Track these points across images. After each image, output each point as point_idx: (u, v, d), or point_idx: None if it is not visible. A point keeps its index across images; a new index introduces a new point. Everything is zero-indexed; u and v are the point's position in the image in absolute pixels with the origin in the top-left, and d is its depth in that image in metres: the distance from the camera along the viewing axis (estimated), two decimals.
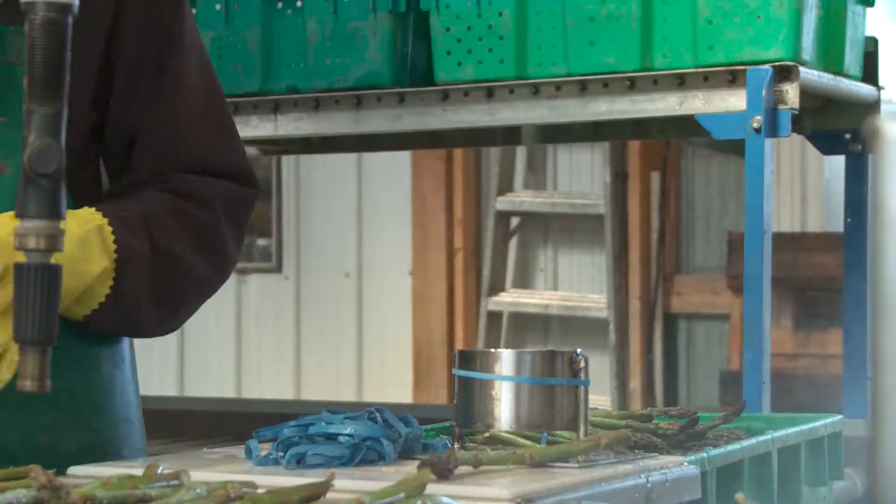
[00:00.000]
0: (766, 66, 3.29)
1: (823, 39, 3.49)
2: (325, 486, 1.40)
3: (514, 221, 7.67)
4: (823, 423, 2.27)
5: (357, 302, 7.77)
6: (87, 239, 1.76)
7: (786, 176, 7.14)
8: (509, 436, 1.91)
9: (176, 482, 1.46)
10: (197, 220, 1.93)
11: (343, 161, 7.69)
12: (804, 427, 2.21)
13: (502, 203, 7.50)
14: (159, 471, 1.49)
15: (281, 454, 1.68)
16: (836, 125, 3.76)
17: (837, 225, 5.93)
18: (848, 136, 3.76)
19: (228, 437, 3.79)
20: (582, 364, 1.78)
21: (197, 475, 1.55)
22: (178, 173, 1.94)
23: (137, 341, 2.03)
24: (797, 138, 4.20)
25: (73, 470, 1.63)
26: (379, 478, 1.57)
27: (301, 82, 3.63)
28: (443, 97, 3.65)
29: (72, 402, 1.90)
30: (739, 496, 1.50)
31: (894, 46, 4.77)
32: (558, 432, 1.83)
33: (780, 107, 3.29)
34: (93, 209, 1.80)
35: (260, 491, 1.38)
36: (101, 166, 1.99)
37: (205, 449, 1.89)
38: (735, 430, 2.15)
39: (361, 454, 1.68)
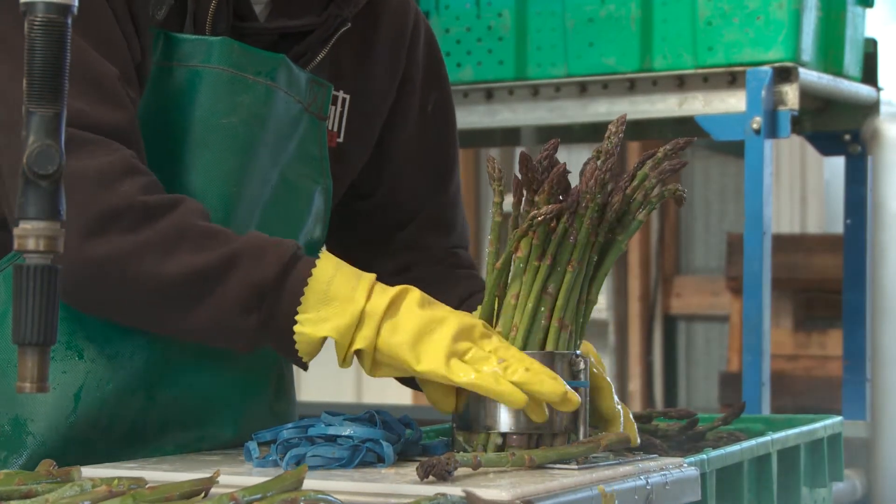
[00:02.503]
0: (766, 68, 3.29)
1: (823, 40, 3.49)
2: (209, 482, 1.40)
3: None
4: (823, 425, 2.27)
5: None
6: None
7: (785, 177, 7.14)
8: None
9: (62, 479, 1.47)
10: None
11: None
12: (803, 428, 2.21)
13: None
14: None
15: (280, 456, 1.68)
16: (835, 126, 3.77)
17: (837, 226, 5.93)
18: (848, 137, 3.77)
19: None
20: (581, 366, 1.78)
21: (194, 477, 1.55)
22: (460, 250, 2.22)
23: None
24: (797, 139, 4.21)
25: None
26: (378, 479, 1.57)
27: None
28: None
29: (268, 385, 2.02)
30: (601, 488, 1.50)
31: (894, 47, 4.77)
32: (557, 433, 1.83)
33: (780, 108, 3.30)
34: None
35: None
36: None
37: (204, 450, 1.89)
38: (734, 432, 2.15)
39: (361, 456, 1.68)
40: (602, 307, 7.35)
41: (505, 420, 1.74)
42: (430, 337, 1.70)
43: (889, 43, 4.29)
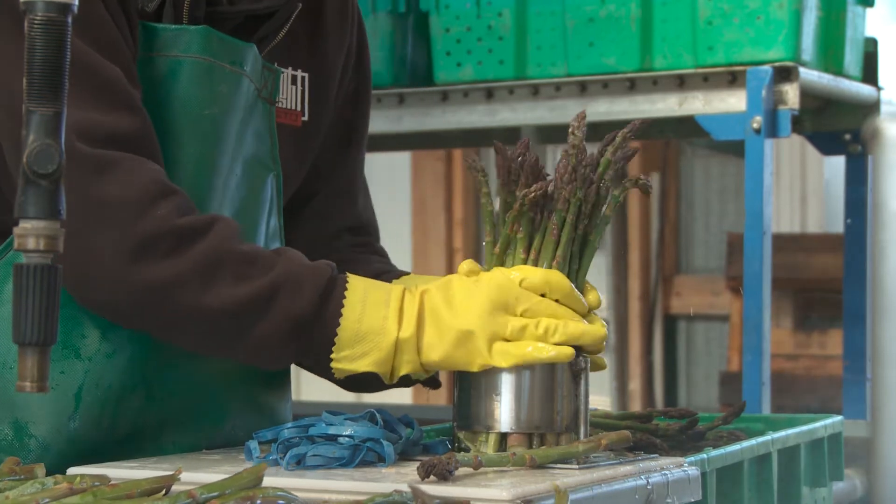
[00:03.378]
0: (766, 67, 3.29)
1: (823, 40, 3.49)
2: (170, 479, 1.40)
3: None
4: (823, 424, 2.27)
5: None
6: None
7: (786, 177, 7.14)
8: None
9: (25, 476, 1.47)
10: None
11: None
12: (804, 428, 2.20)
13: None
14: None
15: (281, 455, 1.68)
16: (835, 126, 3.77)
17: (837, 226, 5.93)
18: (848, 136, 3.77)
19: None
20: (582, 365, 1.78)
21: (195, 476, 1.55)
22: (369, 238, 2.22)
23: None
24: (797, 139, 4.21)
25: (72, 470, 1.63)
26: (378, 479, 1.57)
27: None
28: (442, 98, 3.65)
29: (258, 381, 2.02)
30: (555, 485, 1.50)
31: (894, 47, 4.77)
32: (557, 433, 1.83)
33: (780, 107, 3.30)
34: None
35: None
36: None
37: (204, 450, 1.89)
38: (735, 431, 2.15)
39: (361, 455, 1.68)
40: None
41: (506, 419, 1.75)
42: (466, 340, 1.75)
43: (889, 43, 4.29)
